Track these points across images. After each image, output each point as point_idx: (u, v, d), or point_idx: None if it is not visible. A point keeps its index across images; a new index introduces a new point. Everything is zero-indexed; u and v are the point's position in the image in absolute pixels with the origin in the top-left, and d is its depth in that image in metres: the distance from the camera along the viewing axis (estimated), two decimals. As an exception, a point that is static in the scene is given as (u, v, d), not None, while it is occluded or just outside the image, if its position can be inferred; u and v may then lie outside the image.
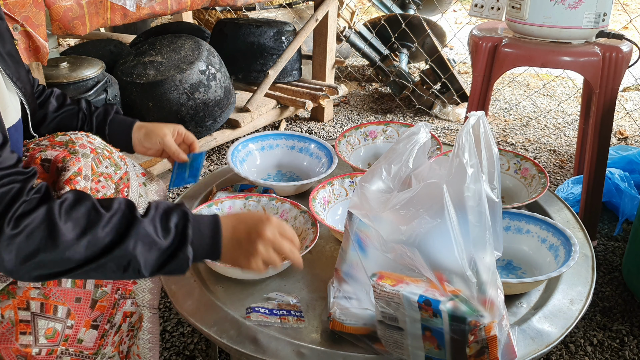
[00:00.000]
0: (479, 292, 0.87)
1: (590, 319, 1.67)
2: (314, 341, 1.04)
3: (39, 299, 0.88)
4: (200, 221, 0.90)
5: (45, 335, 0.88)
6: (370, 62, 3.51)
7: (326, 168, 1.54)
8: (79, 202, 0.81)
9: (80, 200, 0.82)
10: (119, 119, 1.24)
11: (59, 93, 1.25)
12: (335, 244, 1.31)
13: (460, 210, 0.87)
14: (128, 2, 1.78)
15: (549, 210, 1.45)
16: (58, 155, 1.20)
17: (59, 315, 0.89)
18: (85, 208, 0.81)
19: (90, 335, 0.94)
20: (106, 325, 0.97)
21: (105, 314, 0.96)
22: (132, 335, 1.10)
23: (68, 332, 0.91)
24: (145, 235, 0.83)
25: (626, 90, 3.63)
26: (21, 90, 1.02)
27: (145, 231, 0.83)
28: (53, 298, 0.89)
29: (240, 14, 3.61)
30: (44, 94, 1.23)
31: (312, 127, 3.02)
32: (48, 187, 0.82)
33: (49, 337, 0.88)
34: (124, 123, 1.24)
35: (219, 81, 2.37)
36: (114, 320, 0.99)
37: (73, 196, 0.82)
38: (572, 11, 1.71)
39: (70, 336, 0.91)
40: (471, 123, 0.93)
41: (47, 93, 1.23)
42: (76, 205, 0.81)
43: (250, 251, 0.92)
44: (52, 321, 0.88)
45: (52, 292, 0.89)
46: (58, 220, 0.78)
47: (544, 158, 2.73)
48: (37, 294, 0.88)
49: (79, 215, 0.80)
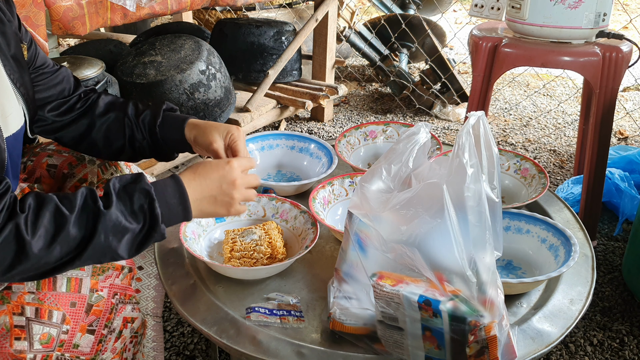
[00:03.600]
0: (479, 292, 0.87)
1: (590, 319, 1.67)
2: (314, 341, 1.04)
3: (33, 304, 0.87)
4: (165, 192, 0.91)
5: (40, 341, 0.87)
6: (370, 62, 3.52)
7: (326, 168, 1.54)
8: (42, 208, 0.82)
9: (43, 205, 0.82)
10: (170, 120, 1.14)
11: (108, 100, 1.16)
12: (335, 244, 1.31)
13: (460, 210, 0.87)
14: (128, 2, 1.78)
15: (549, 210, 1.45)
16: (64, 161, 1.19)
17: (54, 321, 0.88)
18: (50, 213, 0.82)
19: (87, 340, 0.93)
20: (103, 330, 0.96)
21: (101, 319, 0.95)
22: (137, 342, 1.09)
23: (63, 337, 0.90)
24: (114, 225, 0.85)
25: (626, 90, 3.63)
26: (24, 96, 1.01)
27: (113, 221, 0.84)
28: (48, 303, 0.88)
29: (240, 14, 3.61)
30: (90, 99, 1.16)
31: (312, 127, 3.02)
32: (15, 199, 0.82)
33: (43, 342, 0.87)
34: (175, 123, 1.13)
35: (219, 81, 2.37)
36: (112, 325, 0.98)
37: (35, 202, 0.82)
38: (572, 11, 1.71)
39: (65, 341, 0.90)
40: (471, 123, 0.93)
41: (94, 98, 1.16)
42: (40, 213, 0.81)
43: (227, 201, 0.97)
44: (47, 326, 0.88)
45: (47, 297, 0.88)
46: (25, 235, 0.79)
47: (544, 158, 2.73)
48: (32, 299, 0.88)
49: (45, 222, 0.81)
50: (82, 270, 0.92)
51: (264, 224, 1.26)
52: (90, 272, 0.93)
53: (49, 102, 1.11)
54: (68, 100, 1.14)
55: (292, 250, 1.25)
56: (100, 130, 1.14)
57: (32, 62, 1.07)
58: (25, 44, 1.04)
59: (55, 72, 1.13)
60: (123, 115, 1.13)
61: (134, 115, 1.13)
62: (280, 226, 1.30)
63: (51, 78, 1.12)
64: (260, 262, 1.18)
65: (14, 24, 1.01)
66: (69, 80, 1.15)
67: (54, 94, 1.12)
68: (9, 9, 1.01)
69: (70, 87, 1.15)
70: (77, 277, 0.91)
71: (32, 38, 1.09)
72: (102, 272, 0.94)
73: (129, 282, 1.01)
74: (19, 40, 1.02)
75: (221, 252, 1.25)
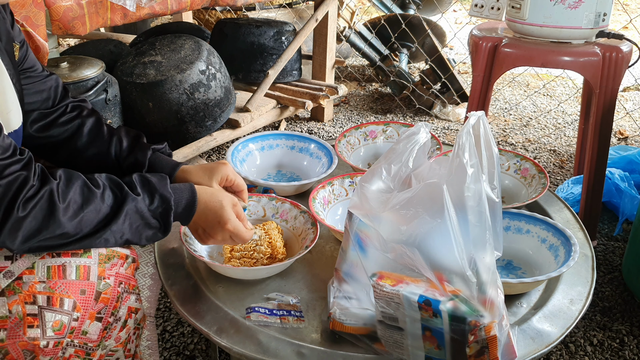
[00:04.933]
0: (479, 292, 0.87)
1: (590, 319, 1.67)
2: (314, 341, 1.04)
3: (45, 293, 0.89)
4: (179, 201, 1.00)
5: (52, 328, 0.89)
6: (370, 62, 3.52)
7: (326, 168, 1.54)
8: (71, 180, 0.89)
9: (72, 178, 0.89)
10: (157, 166, 1.13)
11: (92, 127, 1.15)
12: (335, 244, 1.31)
13: (460, 210, 0.87)
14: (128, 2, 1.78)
15: (549, 210, 1.45)
16: None
17: (66, 308, 0.90)
18: (79, 186, 0.89)
19: (95, 327, 0.95)
20: (110, 318, 0.97)
21: (109, 307, 0.97)
22: (138, 334, 1.11)
23: (74, 324, 0.91)
24: (137, 212, 0.93)
25: (626, 90, 3.63)
26: (19, 93, 1.01)
27: (138, 209, 0.93)
28: (59, 291, 0.90)
29: (240, 14, 3.61)
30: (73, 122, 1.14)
31: (312, 127, 3.02)
32: (44, 169, 0.88)
33: (56, 329, 0.89)
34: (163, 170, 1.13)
35: (219, 81, 2.37)
36: (118, 314, 0.99)
37: (65, 174, 0.89)
38: (572, 11, 1.71)
39: (75, 328, 0.92)
40: (471, 123, 0.93)
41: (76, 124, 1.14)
42: (69, 184, 0.88)
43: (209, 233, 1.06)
44: (59, 314, 0.89)
45: (58, 285, 0.90)
46: (57, 201, 0.85)
47: (544, 158, 2.73)
48: (43, 288, 0.89)
49: (74, 194, 0.88)
50: (90, 257, 0.93)
51: (264, 224, 1.26)
52: (97, 260, 0.94)
53: (33, 109, 1.10)
54: (51, 112, 1.12)
55: (292, 250, 1.25)
56: (81, 159, 1.14)
57: (21, 62, 1.07)
58: (17, 44, 1.04)
59: (44, 79, 1.11)
60: (106, 153, 1.14)
61: (116, 157, 1.14)
62: (280, 226, 1.30)
63: (38, 83, 1.10)
64: (260, 262, 1.18)
65: (7, 20, 1.02)
66: (57, 90, 1.13)
67: (38, 100, 1.10)
68: (2, 5, 1.01)
69: (56, 98, 1.13)
70: (85, 264, 0.93)
71: (25, 39, 1.09)
72: (108, 260, 0.96)
73: (132, 272, 1.03)
74: (11, 38, 1.02)
75: (221, 252, 1.25)
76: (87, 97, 1.97)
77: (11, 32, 1.03)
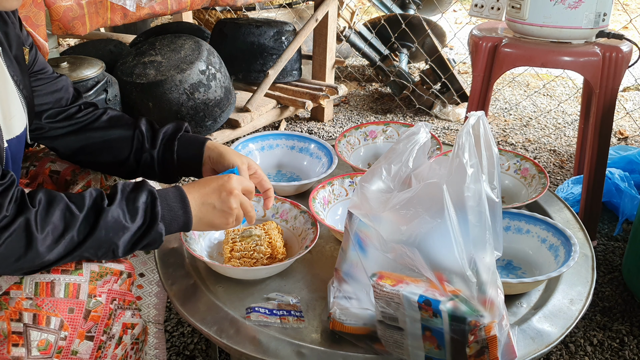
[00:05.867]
0: (479, 292, 0.87)
1: (590, 319, 1.67)
2: (314, 341, 1.04)
3: (31, 310, 0.86)
4: (167, 196, 0.95)
5: (38, 347, 0.86)
6: (370, 62, 3.52)
7: (326, 168, 1.54)
8: (52, 205, 0.84)
9: (53, 202, 0.84)
10: (190, 137, 1.15)
11: (114, 115, 1.16)
12: (335, 244, 1.31)
13: (460, 210, 0.87)
14: (128, 2, 1.78)
15: (549, 210, 1.45)
16: (68, 167, 1.19)
17: (52, 327, 0.87)
18: (60, 211, 0.84)
19: (85, 346, 0.92)
20: (102, 337, 0.94)
21: (100, 325, 0.93)
22: (138, 349, 1.07)
23: (62, 343, 0.88)
24: (114, 222, 0.87)
25: (626, 90, 3.63)
26: (26, 98, 1.01)
27: (113, 218, 0.87)
28: (46, 309, 0.87)
29: (240, 14, 3.61)
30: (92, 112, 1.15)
31: (312, 127, 3.02)
32: (23, 192, 0.84)
33: (41, 349, 0.86)
34: (196, 141, 1.14)
35: (219, 81, 2.37)
36: (111, 331, 0.96)
37: (46, 198, 0.84)
38: (572, 11, 1.71)
39: (64, 348, 0.89)
40: (471, 123, 0.93)
41: (97, 112, 1.15)
42: (50, 209, 0.84)
43: (225, 210, 0.99)
44: (45, 332, 0.86)
45: (45, 303, 0.87)
46: (35, 231, 0.81)
47: (544, 158, 2.73)
48: (30, 305, 0.86)
49: (55, 220, 0.83)
50: (81, 275, 0.91)
51: (264, 224, 1.26)
52: (88, 278, 0.92)
53: (45, 109, 1.10)
54: (66, 109, 1.13)
55: (292, 250, 1.25)
56: (101, 141, 1.14)
57: (31, 65, 1.07)
58: (26, 47, 1.04)
59: (54, 80, 1.12)
60: (132, 129, 1.14)
61: (148, 129, 1.14)
62: (280, 226, 1.30)
63: (49, 85, 1.11)
64: (260, 262, 1.18)
65: (16, 25, 1.01)
66: (68, 90, 1.14)
67: (50, 101, 1.11)
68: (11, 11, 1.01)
69: (68, 98, 1.14)
70: (75, 282, 0.90)
71: (33, 42, 1.09)
72: (100, 278, 0.93)
73: (128, 287, 1.00)
74: (21, 42, 1.02)
75: (221, 252, 1.25)
76: (87, 97, 1.98)
77: (21, 37, 1.02)
